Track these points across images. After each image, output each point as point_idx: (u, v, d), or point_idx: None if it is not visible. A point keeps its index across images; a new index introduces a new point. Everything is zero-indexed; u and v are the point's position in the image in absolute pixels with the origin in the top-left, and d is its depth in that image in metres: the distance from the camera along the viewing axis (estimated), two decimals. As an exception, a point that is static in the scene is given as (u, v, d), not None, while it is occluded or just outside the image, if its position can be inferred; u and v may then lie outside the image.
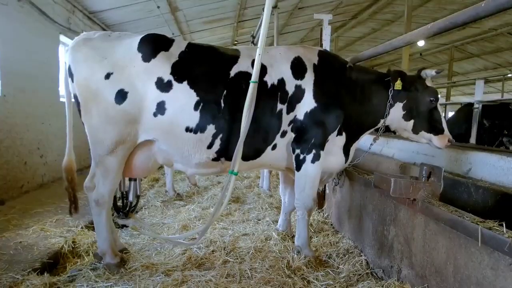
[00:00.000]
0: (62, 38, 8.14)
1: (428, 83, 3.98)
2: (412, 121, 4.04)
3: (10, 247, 3.91)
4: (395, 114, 4.04)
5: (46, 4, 7.13)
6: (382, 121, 4.06)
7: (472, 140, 8.36)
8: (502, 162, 4.95)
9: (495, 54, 20.33)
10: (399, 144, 6.31)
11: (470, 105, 9.71)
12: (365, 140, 7.39)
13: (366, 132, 4.22)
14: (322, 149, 3.77)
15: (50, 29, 7.48)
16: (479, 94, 8.75)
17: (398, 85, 3.87)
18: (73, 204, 3.75)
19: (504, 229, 2.26)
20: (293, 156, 3.81)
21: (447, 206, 2.83)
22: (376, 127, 4.17)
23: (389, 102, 3.96)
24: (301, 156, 3.78)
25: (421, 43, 17.47)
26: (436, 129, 4.00)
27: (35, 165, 6.74)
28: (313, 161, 3.78)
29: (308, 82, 3.75)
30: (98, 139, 3.48)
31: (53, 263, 3.75)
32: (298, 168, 3.84)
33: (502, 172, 4.89)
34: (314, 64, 3.84)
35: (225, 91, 3.53)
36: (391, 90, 3.92)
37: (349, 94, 3.94)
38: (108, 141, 3.43)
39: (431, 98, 3.97)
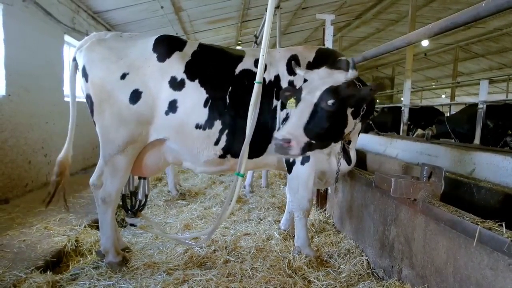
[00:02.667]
0: (67, 38, 8.20)
1: None
2: None
3: (14, 245, 3.96)
4: None
5: (51, 4, 7.19)
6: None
7: (477, 140, 8.32)
8: (506, 162, 4.93)
9: (500, 54, 20.18)
10: (402, 144, 6.31)
11: (474, 106, 9.68)
12: (369, 141, 7.39)
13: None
14: None
15: (55, 29, 7.54)
16: (484, 95, 8.67)
17: (290, 104, 3.56)
18: (51, 197, 3.74)
19: (504, 230, 2.26)
20: (284, 158, 3.83)
21: (447, 206, 2.83)
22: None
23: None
24: (291, 159, 3.79)
25: (425, 43, 17.37)
26: None
27: (39, 164, 6.79)
28: (302, 163, 3.78)
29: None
30: (109, 139, 3.52)
31: (56, 262, 3.79)
32: (289, 170, 3.86)
33: (506, 173, 4.87)
34: (309, 62, 3.86)
35: (230, 88, 3.62)
36: None
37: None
38: (119, 141, 3.48)
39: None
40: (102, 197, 3.62)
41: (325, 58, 3.94)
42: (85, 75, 3.51)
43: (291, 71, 3.79)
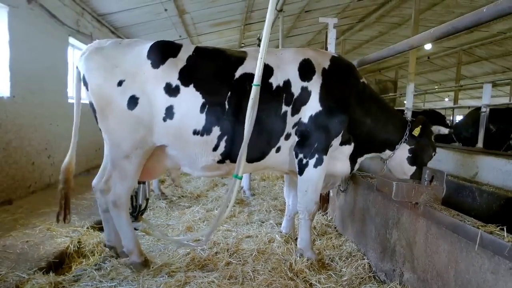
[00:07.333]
0: (71, 40, 8.26)
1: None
2: (414, 168, 4.15)
3: (17, 246, 3.98)
4: (401, 153, 4.15)
5: (56, 7, 7.25)
6: (389, 153, 4.18)
7: (480, 144, 8.30)
8: (510, 166, 4.92)
9: (503, 58, 20.13)
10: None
11: (479, 109, 9.66)
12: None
13: (371, 154, 4.27)
14: (325, 154, 3.76)
15: (60, 31, 7.59)
16: (487, 98, 8.65)
17: (416, 131, 4.03)
18: (64, 210, 3.73)
19: (505, 234, 2.26)
20: (296, 160, 3.81)
21: (448, 210, 2.83)
22: (381, 155, 4.28)
23: (403, 140, 4.09)
24: (304, 161, 3.77)
25: (428, 46, 17.35)
26: None
27: (43, 165, 6.83)
28: (315, 166, 3.77)
29: (315, 85, 3.72)
30: (115, 144, 3.55)
31: (59, 263, 3.81)
32: (301, 172, 3.84)
33: (509, 177, 4.86)
34: (323, 68, 3.83)
35: (229, 93, 3.55)
36: (407, 131, 4.08)
37: (360, 107, 3.94)
38: (124, 146, 3.51)
39: (434, 153, 4.20)
40: (112, 200, 3.62)
41: (343, 70, 4.01)
42: (85, 83, 3.57)
43: (304, 77, 3.73)
